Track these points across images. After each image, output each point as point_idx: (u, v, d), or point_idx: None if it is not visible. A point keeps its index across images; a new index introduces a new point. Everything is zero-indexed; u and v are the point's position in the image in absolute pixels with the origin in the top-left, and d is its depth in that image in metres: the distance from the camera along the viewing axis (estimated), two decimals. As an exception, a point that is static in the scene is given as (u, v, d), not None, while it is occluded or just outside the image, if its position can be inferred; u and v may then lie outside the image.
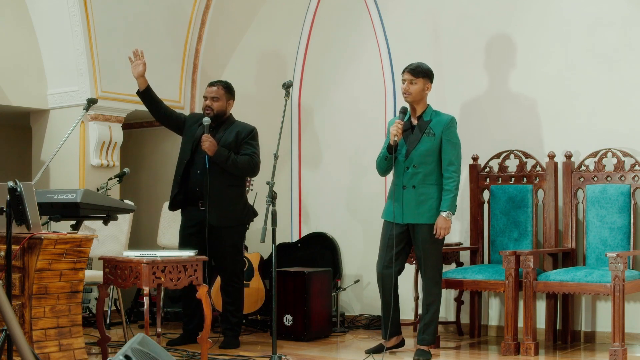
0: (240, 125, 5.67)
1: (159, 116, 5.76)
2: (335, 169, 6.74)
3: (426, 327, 5.13)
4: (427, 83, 5.14)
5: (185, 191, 5.61)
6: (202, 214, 5.54)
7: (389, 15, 6.51)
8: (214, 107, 5.61)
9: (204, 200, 5.52)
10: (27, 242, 4.04)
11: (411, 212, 5.09)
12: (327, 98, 6.81)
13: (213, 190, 5.50)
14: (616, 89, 5.59)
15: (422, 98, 5.15)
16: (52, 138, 6.70)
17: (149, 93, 5.65)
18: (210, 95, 5.63)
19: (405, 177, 5.11)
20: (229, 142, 5.56)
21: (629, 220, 5.36)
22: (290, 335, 5.83)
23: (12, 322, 3.18)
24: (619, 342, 4.81)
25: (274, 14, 7.10)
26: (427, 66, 5.20)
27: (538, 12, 5.89)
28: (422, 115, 5.16)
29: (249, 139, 5.62)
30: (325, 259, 6.61)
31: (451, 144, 5.11)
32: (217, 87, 5.66)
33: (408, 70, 5.13)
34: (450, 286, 5.49)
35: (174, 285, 4.54)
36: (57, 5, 6.43)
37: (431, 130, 5.10)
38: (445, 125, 5.11)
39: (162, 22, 6.94)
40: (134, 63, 5.59)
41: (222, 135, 5.59)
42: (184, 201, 5.65)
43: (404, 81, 5.13)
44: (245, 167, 5.55)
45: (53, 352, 4.08)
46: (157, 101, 5.70)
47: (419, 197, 5.08)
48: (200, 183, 5.53)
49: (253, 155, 5.58)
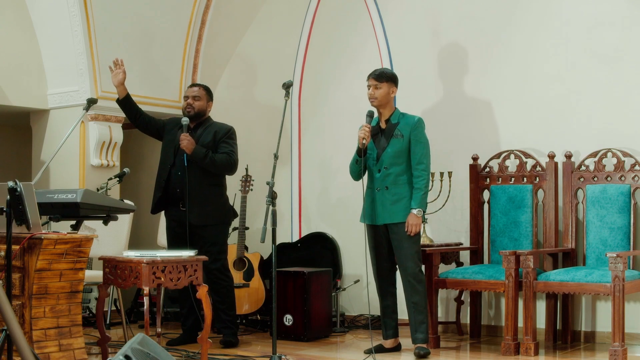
0: (218, 125, 5.73)
1: (138, 123, 5.82)
2: (335, 168, 6.74)
3: (418, 326, 5.18)
4: (392, 87, 5.28)
5: (166, 193, 5.65)
6: (184, 214, 5.58)
7: (389, 15, 6.51)
8: (195, 106, 5.68)
9: (184, 200, 5.55)
10: (27, 242, 4.04)
11: (386, 213, 5.19)
12: (327, 98, 6.81)
13: (193, 189, 5.54)
14: (616, 89, 5.59)
15: (389, 102, 5.28)
16: (52, 138, 6.70)
17: (128, 101, 5.72)
18: (191, 95, 5.72)
19: (377, 180, 5.23)
20: (207, 141, 5.60)
21: (629, 220, 5.37)
22: (290, 335, 5.83)
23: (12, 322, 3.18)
24: (619, 342, 4.81)
25: (274, 14, 7.10)
26: (391, 71, 5.39)
27: (538, 12, 5.89)
28: (389, 119, 5.28)
29: (226, 137, 5.67)
30: (325, 259, 6.61)
31: (420, 144, 5.20)
32: (199, 87, 5.79)
33: (372, 76, 5.29)
34: (450, 286, 5.50)
35: (174, 285, 4.54)
36: (57, 5, 6.43)
37: (399, 132, 5.22)
38: (412, 125, 5.22)
39: (162, 22, 6.94)
40: (114, 72, 5.65)
41: (201, 135, 5.63)
42: (165, 203, 5.68)
43: (369, 87, 5.27)
44: (224, 164, 5.58)
45: (53, 352, 4.07)
46: (137, 109, 5.77)
47: (393, 197, 5.18)
48: (181, 184, 5.57)
49: (231, 154, 5.62)
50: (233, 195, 6.11)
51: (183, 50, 7.16)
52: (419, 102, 6.21)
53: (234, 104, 7.20)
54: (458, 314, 6.01)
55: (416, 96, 6.24)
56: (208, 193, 5.61)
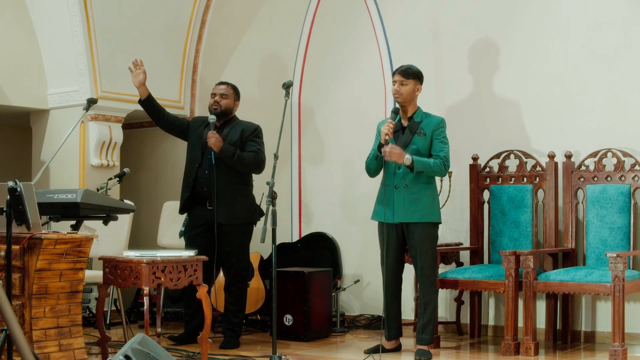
0: (244, 124, 5.70)
1: (162, 124, 5.78)
2: (335, 168, 6.74)
3: (425, 326, 5.14)
4: (418, 84, 5.20)
5: (193, 192, 5.61)
6: (210, 213, 5.55)
7: (389, 15, 6.51)
8: (222, 104, 5.65)
9: (211, 199, 5.52)
10: (27, 242, 4.04)
11: (404, 212, 5.12)
12: (327, 98, 6.81)
13: (220, 188, 5.51)
14: (616, 89, 5.59)
15: (413, 99, 5.20)
16: (52, 138, 6.70)
17: (150, 101, 5.67)
18: (219, 92, 5.68)
19: (396, 178, 5.14)
20: (234, 140, 5.57)
21: (629, 220, 5.37)
22: (290, 335, 5.83)
23: (12, 322, 3.18)
24: (619, 342, 4.81)
25: (274, 14, 7.10)
26: (418, 68, 5.25)
27: (538, 12, 5.89)
28: (412, 117, 5.21)
29: (253, 136, 5.64)
30: (325, 259, 6.61)
31: (442, 143, 5.15)
32: (227, 86, 5.74)
33: (399, 71, 5.19)
34: (450, 286, 5.49)
35: (174, 285, 4.54)
36: (57, 5, 6.43)
37: (422, 130, 5.15)
38: (435, 125, 5.17)
39: (162, 22, 6.94)
40: (134, 72, 5.61)
41: (227, 133, 5.60)
42: (191, 202, 5.65)
43: (395, 82, 5.19)
44: (251, 163, 5.56)
45: (53, 352, 4.08)
46: (159, 109, 5.73)
47: (412, 196, 5.11)
48: (208, 182, 5.53)
49: (258, 152, 5.60)
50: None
51: (183, 50, 7.17)
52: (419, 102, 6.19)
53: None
54: (458, 314, 6.01)
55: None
56: (236, 192, 5.58)
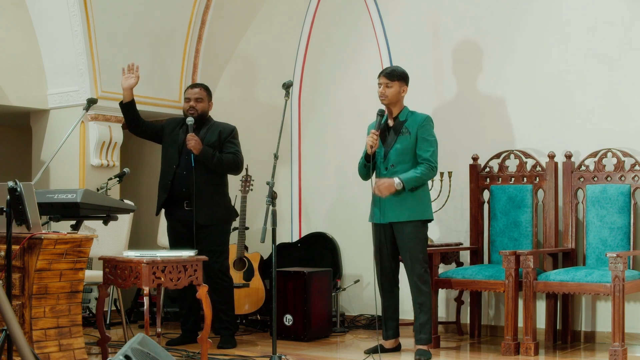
0: (221, 125, 5.74)
1: (137, 130, 5.77)
2: (335, 168, 6.74)
3: (422, 326, 5.15)
4: (403, 86, 5.24)
5: (170, 193, 5.62)
6: (188, 213, 5.57)
7: (389, 15, 6.51)
8: (198, 108, 5.67)
9: (190, 199, 5.54)
10: (27, 242, 4.04)
11: (392, 211, 5.15)
12: (327, 98, 6.81)
13: (199, 189, 5.53)
14: (616, 89, 5.59)
15: (399, 100, 5.24)
16: (52, 138, 6.70)
17: (132, 107, 5.68)
18: (193, 97, 5.68)
19: (384, 178, 5.15)
20: (212, 141, 5.61)
21: (629, 220, 5.37)
22: (290, 335, 5.83)
23: (12, 322, 3.18)
24: (619, 342, 4.81)
25: (274, 14, 7.10)
26: (403, 69, 5.29)
27: (538, 12, 5.89)
28: (397, 116, 5.25)
29: (231, 137, 5.69)
30: (325, 259, 6.61)
31: (427, 142, 5.16)
32: (199, 88, 5.75)
33: (384, 74, 5.24)
34: (450, 286, 5.49)
35: (174, 285, 4.54)
36: (57, 6, 6.43)
37: (406, 129, 5.18)
38: (420, 123, 5.19)
39: (162, 22, 6.94)
40: (126, 74, 5.61)
41: (205, 135, 5.63)
42: (168, 203, 5.67)
43: (380, 85, 5.23)
44: (231, 165, 5.60)
45: (53, 352, 4.08)
46: (137, 115, 5.74)
47: (399, 196, 5.12)
48: (187, 183, 5.55)
49: (237, 154, 5.65)
50: (234, 196, 6.10)
51: (183, 50, 7.16)
52: (419, 102, 6.19)
53: (234, 104, 7.20)
54: (458, 314, 6.01)
55: (416, 96, 6.22)
56: (214, 192, 5.62)
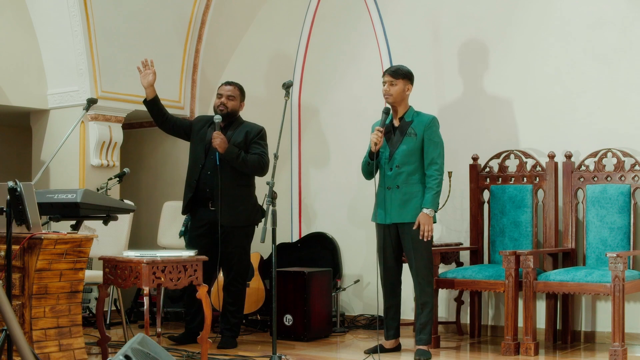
0: (249, 126, 5.69)
1: (165, 126, 5.76)
2: (335, 168, 6.74)
3: (423, 326, 5.15)
4: (408, 84, 5.22)
5: (195, 192, 5.60)
6: (212, 214, 5.54)
7: (389, 15, 6.51)
8: (229, 106, 5.62)
9: (214, 200, 5.52)
10: (27, 242, 4.04)
11: (396, 212, 5.14)
12: (327, 98, 6.81)
13: (223, 189, 5.49)
14: (616, 89, 5.59)
15: (403, 99, 5.22)
16: (52, 138, 6.70)
17: (156, 103, 5.65)
18: (226, 94, 5.64)
19: (388, 179, 5.16)
20: (238, 141, 5.56)
21: (629, 220, 5.37)
22: (290, 335, 5.83)
23: (12, 322, 3.18)
24: (619, 342, 4.81)
25: (274, 14, 7.10)
26: (407, 68, 5.27)
27: (538, 12, 5.89)
28: (403, 117, 5.22)
29: (257, 138, 5.63)
30: (325, 259, 6.61)
31: (433, 143, 5.15)
32: (234, 86, 5.69)
33: (388, 72, 5.22)
34: (450, 286, 5.49)
35: (174, 285, 4.54)
36: (57, 5, 6.43)
37: (413, 130, 5.16)
38: (426, 124, 5.17)
39: (162, 22, 6.94)
40: (142, 72, 5.59)
41: (232, 134, 5.59)
42: (193, 203, 5.64)
43: (384, 83, 5.20)
44: (255, 165, 5.55)
45: (53, 352, 4.08)
46: (164, 111, 5.71)
47: (403, 197, 5.12)
48: (211, 183, 5.52)
49: (262, 155, 5.59)
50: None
51: (183, 50, 7.17)
52: (419, 102, 6.19)
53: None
54: (458, 314, 6.01)
55: (416, 96, 6.21)
56: (239, 193, 5.57)
